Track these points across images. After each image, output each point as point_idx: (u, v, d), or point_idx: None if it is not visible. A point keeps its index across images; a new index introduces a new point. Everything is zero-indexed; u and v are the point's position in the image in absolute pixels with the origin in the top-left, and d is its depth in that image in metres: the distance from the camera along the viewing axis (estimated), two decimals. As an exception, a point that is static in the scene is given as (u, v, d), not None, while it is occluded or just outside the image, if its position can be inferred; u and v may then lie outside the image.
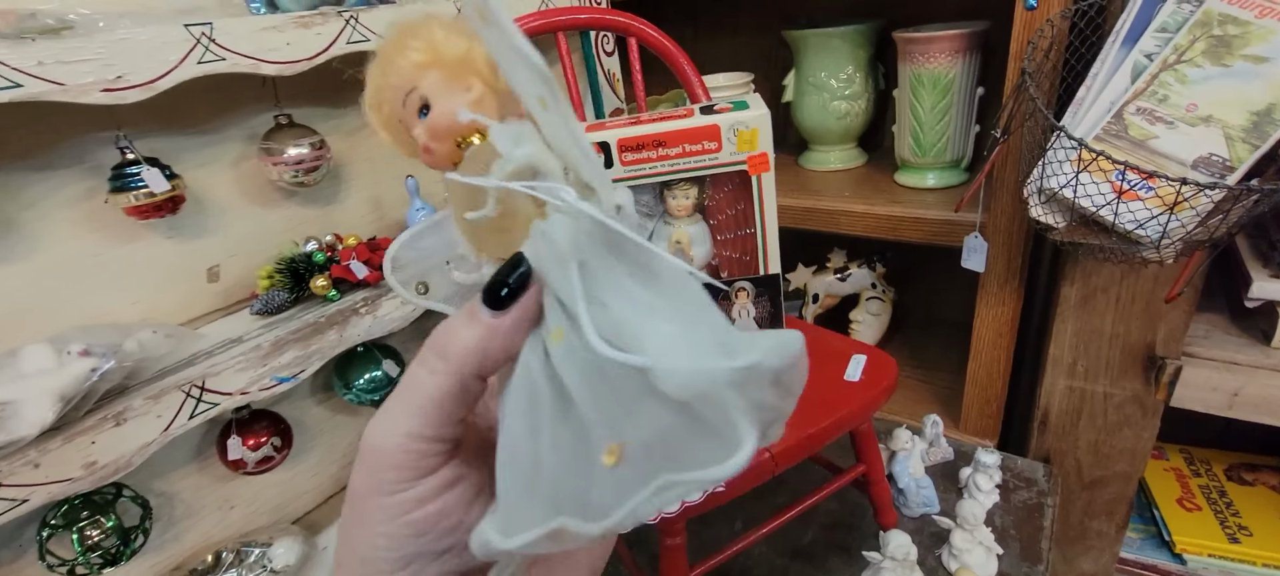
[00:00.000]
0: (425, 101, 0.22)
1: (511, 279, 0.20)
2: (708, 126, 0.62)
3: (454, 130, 0.22)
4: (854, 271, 1.14)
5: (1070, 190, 0.57)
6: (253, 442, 0.71)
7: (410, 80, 0.22)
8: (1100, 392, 0.82)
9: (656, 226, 0.71)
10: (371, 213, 0.90)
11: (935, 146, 0.95)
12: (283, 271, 0.70)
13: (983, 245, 0.80)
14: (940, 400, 1.07)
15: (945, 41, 0.87)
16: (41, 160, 0.60)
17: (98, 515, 0.63)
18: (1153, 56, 0.59)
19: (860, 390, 0.63)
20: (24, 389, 0.50)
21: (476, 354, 0.20)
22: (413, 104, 0.22)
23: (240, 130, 0.74)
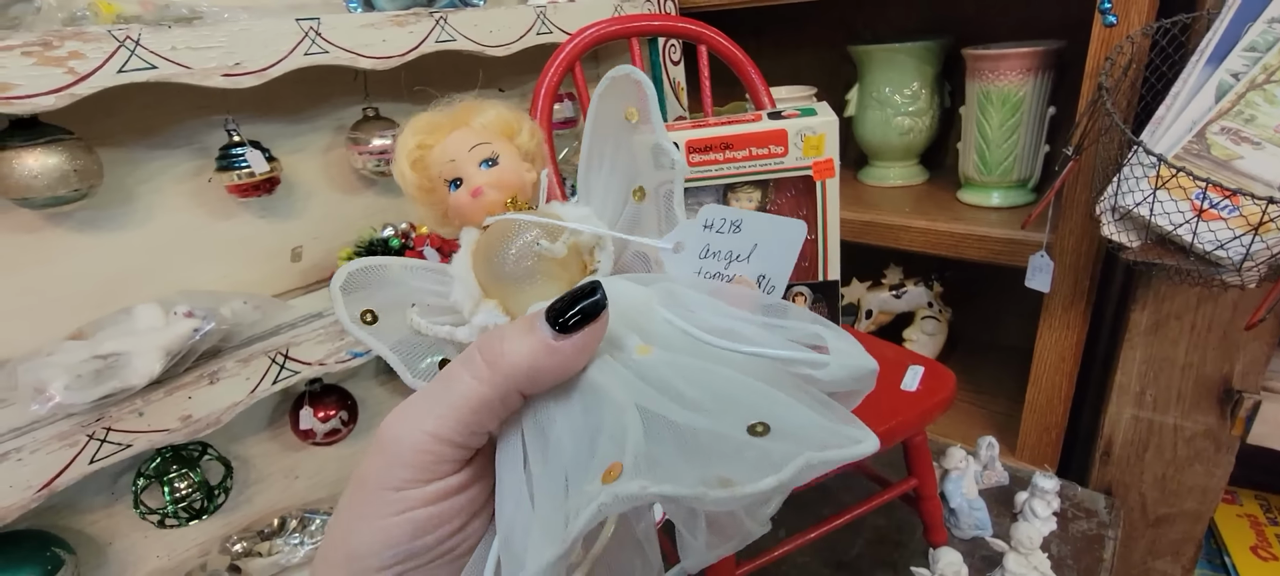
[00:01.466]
0: (494, 156, 0.25)
1: (586, 304, 0.20)
2: (775, 131, 0.63)
3: (514, 187, 0.25)
4: (910, 289, 1.12)
5: (1146, 208, 0.56)
6: (323, 415, 0.76)
7: (483, 136, 0.25)
8: (1170, 425, 0.79)
9: (717, 228, 0.72)
10: (441, 205, 0.95)
11: (1002, 165, 0.93)
12: (361, 253, 0.74)
13: (1049, 265, 0.78)
14: (995, 426, 1.04)
15: (1016, 59, 0.86)
16: (159, 139, 0.66)
17: (186, 470, 0.68)
18: (1239, 76, 0.57)
19: (916, 400, 0.63)
20: (136, 343, 0.54)
21: (528, 372, 0.20)
22: (479, 154, 0.24)
23: (330, 121, 0.80)
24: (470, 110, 0.25)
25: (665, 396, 0.20)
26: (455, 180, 0.24)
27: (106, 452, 0.55)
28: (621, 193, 0.26)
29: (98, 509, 0.69)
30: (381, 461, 0.20)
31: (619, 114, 0.26)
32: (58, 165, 0.53)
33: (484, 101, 0.25)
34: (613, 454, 0.18)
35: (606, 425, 0.19)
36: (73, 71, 0.48)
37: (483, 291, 0.24)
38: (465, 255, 0.25)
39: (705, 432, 0.19)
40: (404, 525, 0.20)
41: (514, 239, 0.23)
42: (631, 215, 0.26)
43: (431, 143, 0.25)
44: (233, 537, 0.77)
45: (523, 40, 0.80)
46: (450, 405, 0.20)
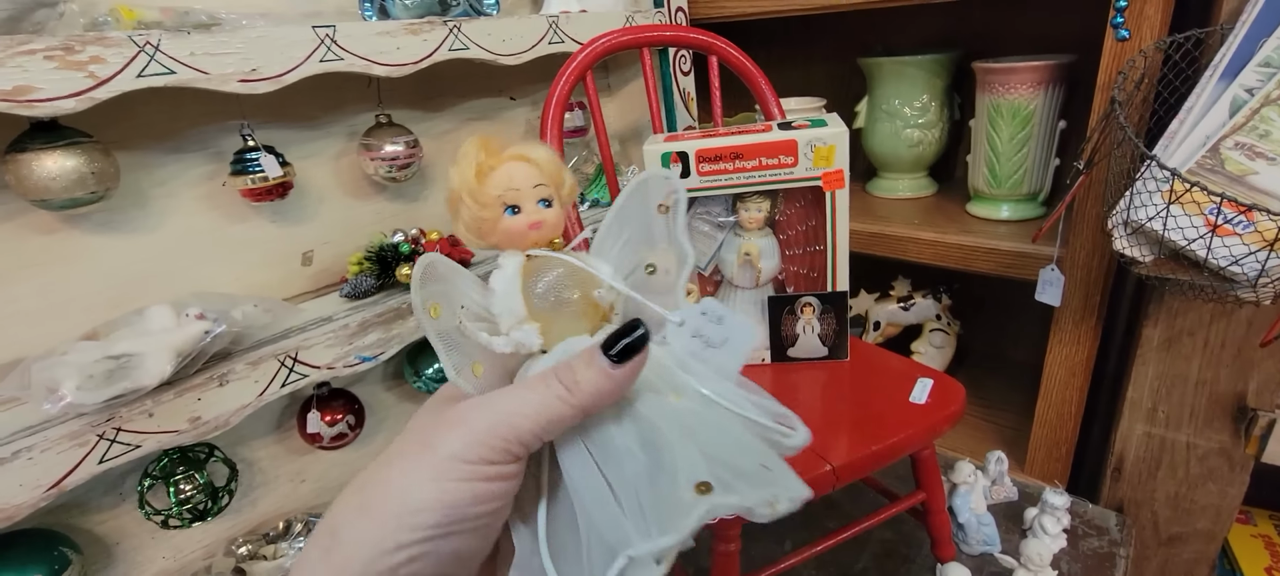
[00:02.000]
0: (550, 198, 0.28)
1: (632, 339, 0.25)
2: (785, 141, 0.63)
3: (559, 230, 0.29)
4: (918, 301, 1.12)
5: (1159, 223, 0.56)
6: (330, 418, 0.76)
7: (543, 177, 0.28)
8: (1183, 442, 0.78)
9: (727, 238, 0.73)
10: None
11: (1011, 178, 0.93)
12: (371, 259, 0.75)
13: (1059, 278, 0.78)
14: (1004, 441, 1.03)
15: (1027, 72, 0.86)
16: (173, 143, 0.67)
17: (192, 471, 0.68)
18: (1253, 91, 0.57)
19: (925, 413, 0.63)
20: (148, 344, 0.55)
21: (596, 396, 0.24)
22: (539, 193, 0.28)
23: (343, 127, 0.80)
24: (527, 146, 0.28)
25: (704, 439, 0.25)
26: (513, 207, 0.27)
27: (115, 453, 0.55)
28: (633, 262, 0.31)
29: (105, 509, 0.69)
30: (461, 433, 0.24)
31: (648, 203, 0.30)
32: (76, 167, 0.54)
33: (536, 142, 0.28)
34: (698, 475, 0.24)
35: (678, 454, 0.25)
36: (93, 76, 0.49)
37: (527, 312, 0.27)
38: (513, 277, 0.27)
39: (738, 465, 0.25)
40: (466, 491, 0.23)
41: (567, 279, 0.28)
42: (636, 283, 0.30)
43: (495, 163, 0.27)
44: (238, 540, 0.77)
45: (535, 49, 0.81)
46: (535, 411, 0.24)
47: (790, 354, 0.73)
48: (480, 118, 0.96)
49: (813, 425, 0.59)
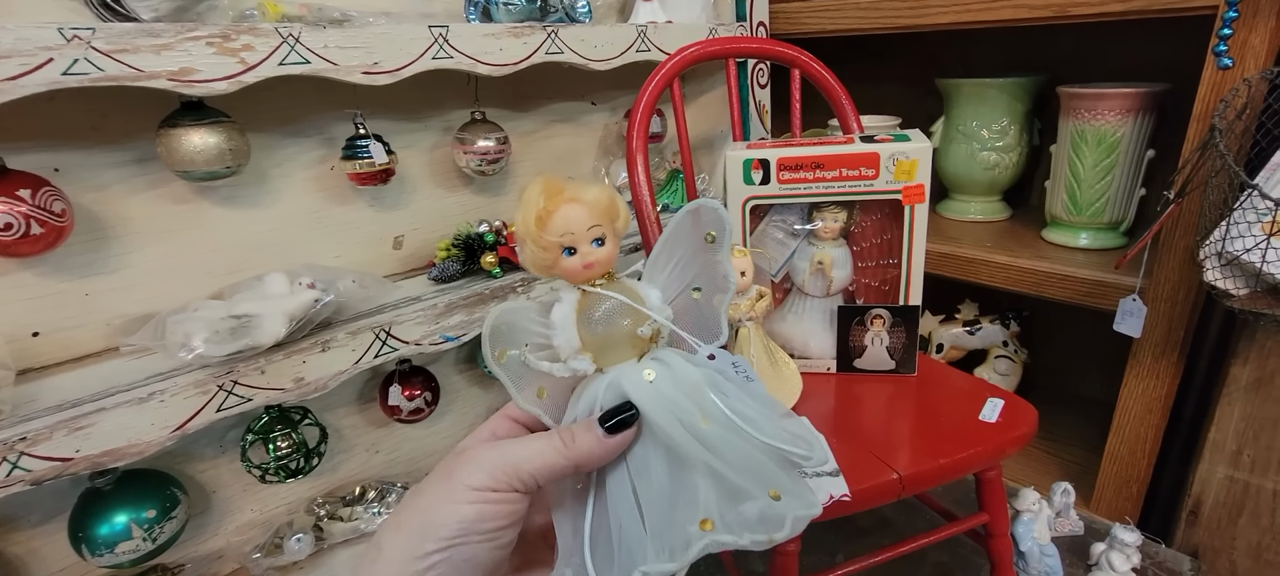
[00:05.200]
0: (603, 237, 0.31)
1: (625, 416, 0.30)
2: (868, 154, 0.65)
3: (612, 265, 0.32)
4: (985, 326, 1.10)
5: (1258, 254, 0.54)
6: (409, 393, 0.81)
7: (598, 218, 0.30)
8: (1269, 489, 0.75)
9: (800, 246, 0.74)
10: (528, 208, 0.99)
11: (1093, 206, 0.91)
12: (459, 246, 0.79)
13: (1141, 310, 0.76)
14: (1070, 475, 1.00)
15: (1116, 99, 0.85)
16: (293, 128, 0.73)
17: (289, 430, 0.74)
18: (1367, 127, 0.55)
19: (995, 432, 0.62)
20: (266, 306, 0.60)
21: (588, 456, 0.30)
22: (593, 233, 0.30)
23: (439, 122, 0.86)
24: (581, 188, 0.31)
25: (724, 462, 0.29)
26: (570, 248, 0.30)
27: (231, 404, 0.61)
28: (681, 285, 0.34)
29: (206, 460, 0.75)
30: (474, 468, 0.29)
31: (697, 232, 0.33)
32: (217, 144, 0.60)
33: (589, 183, 0.31)
34: (704, 512, 0.28)
35: (699, 487, 0.29)
36: (244, 61, 0.54)
37: (581, 343, 0.31)
38: (570, 312, 0.31)
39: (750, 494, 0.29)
40: (473, 511, 0.29)
41: (615, 314, 0.31)
42: (683, 304, 0.34)
43: (553, 207, 0.30)
44: (318, 499, 0.83)
45: (623, 56, 0.84)
46: (536, 458, 0.30)
47: (856, 365, 0.73)
48: (563, 120, 1.01)
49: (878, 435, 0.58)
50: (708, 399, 0.31)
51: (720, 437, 0.29)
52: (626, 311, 0.31)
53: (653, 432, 0.30)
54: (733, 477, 0.29)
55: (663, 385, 0.30)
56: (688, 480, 0.29)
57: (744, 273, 0.64)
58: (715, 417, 0.30)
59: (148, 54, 0.51)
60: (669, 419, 0.29)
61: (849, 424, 0.65)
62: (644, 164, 0.72)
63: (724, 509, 0.28)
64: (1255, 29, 0.64)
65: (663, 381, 0.31)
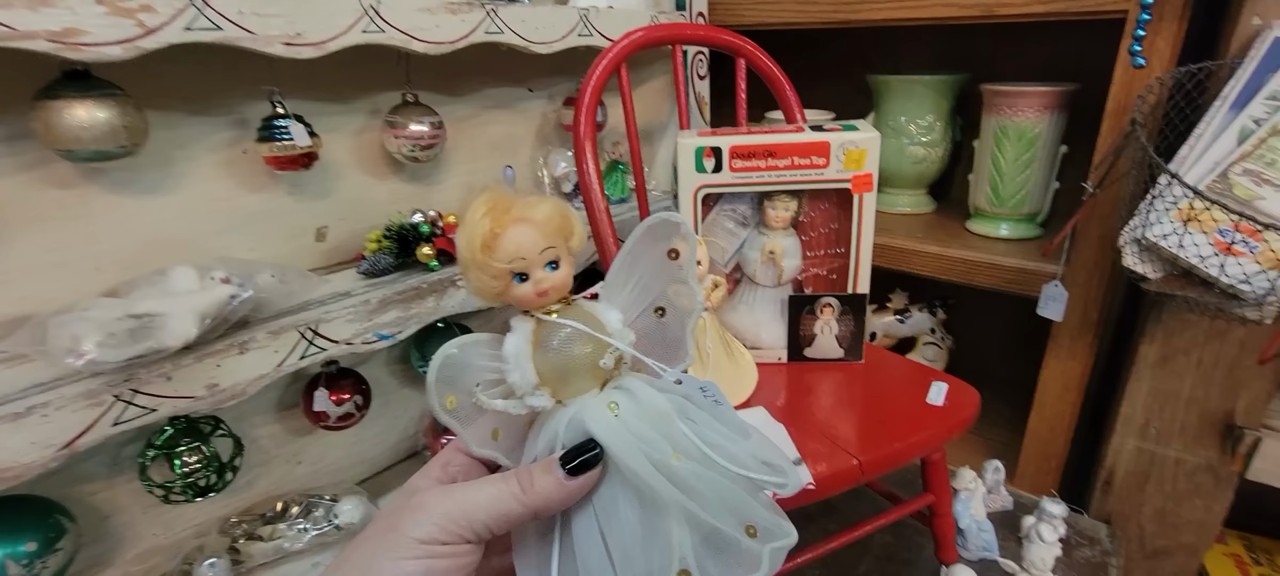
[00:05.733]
0: (557, 260, 0.28)
1: (588, 456, 0.27)
2: (818, 142, 0.65)
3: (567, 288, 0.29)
4: (914, 314, 1.14)
5: (1174, 241, 0.58)
6: (337, 398, 0.74)
7: (550, 239, 0.28)
8: (1171, 458, 0.81)
9: (750, 235, 0.74)
10: (466, 197, 0.94)
11: (1014, 198, 0.96)
12: (391, 237, 0.74)
13: (1063, 294, 0.81)
14: (994, 454, 1.05)
15: (1035, 97, 0.90)
16: (200, 105, 0.65)
17: (198, 444, 0.66)
18: (1261, 122, 0.60)
19: (943, 415, 0.64)
20: (172, 304, 0.53)
21: (546, 500, 0.27)
22: (547, 256, 0.28)
23: (366, 104, 0.79)
24: (529, 205, 0.28)
25: (697, 503, 0.27)
26: (521, 274, 0.28)
27: (131, 415, 0.53)
28: (643, 305, 0.32)
29: (99, 480, 0.66)
30: (420, 519, 0.27)
31: (659, 247, 0.31)
32: (108, 120, 0.52)
33: (540, 198, 0.29)
34: (681, 562, 0.27)
35: (673, 532, 0.27)
36: (142, 25, 0.47)
37: (538, 377, 0.29)
38: (523, 344, 0.29)
39: (725, 534, 0.28)
40: (416, 567, 0.26)
41: (573, 343, 0.29)
42: (645, 325, 0.32)
43: (500, 230, 0.27)
44: (233, 519, 0.75)
45: (564, 40, 0.81)
46: (489, 504, 0.27)
47: (807, 354, 0.74)
48: (499, 106, 0.96)
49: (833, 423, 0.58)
50: (677, 430, 0.29)
51: (694, 474, 0.28)
52: (586, 339, 0.29)
53: (620, 472, 0.28)
54: (708, 519, 0.27)
55: (629, 418, 0.28)
56: (661, 525, 0.27)
57: (701, 262, 0.63)
58: (687, 451, 0.28)
59: (22, 9, 0.44)
60: (637, 457, 0.27)
61: (804, 413, 0.65)
62: (593, 152, 0.70)
63: (702, 556, 0.27)
64: (1161, 33, 0.69)
65: (628, 413, 0.29)
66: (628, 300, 0.31)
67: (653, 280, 0.31)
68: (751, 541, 0.28)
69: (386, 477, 0.89)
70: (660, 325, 0.32)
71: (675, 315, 0.32)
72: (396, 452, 0.92)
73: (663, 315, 0.32)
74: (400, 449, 0.92)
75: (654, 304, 0.32)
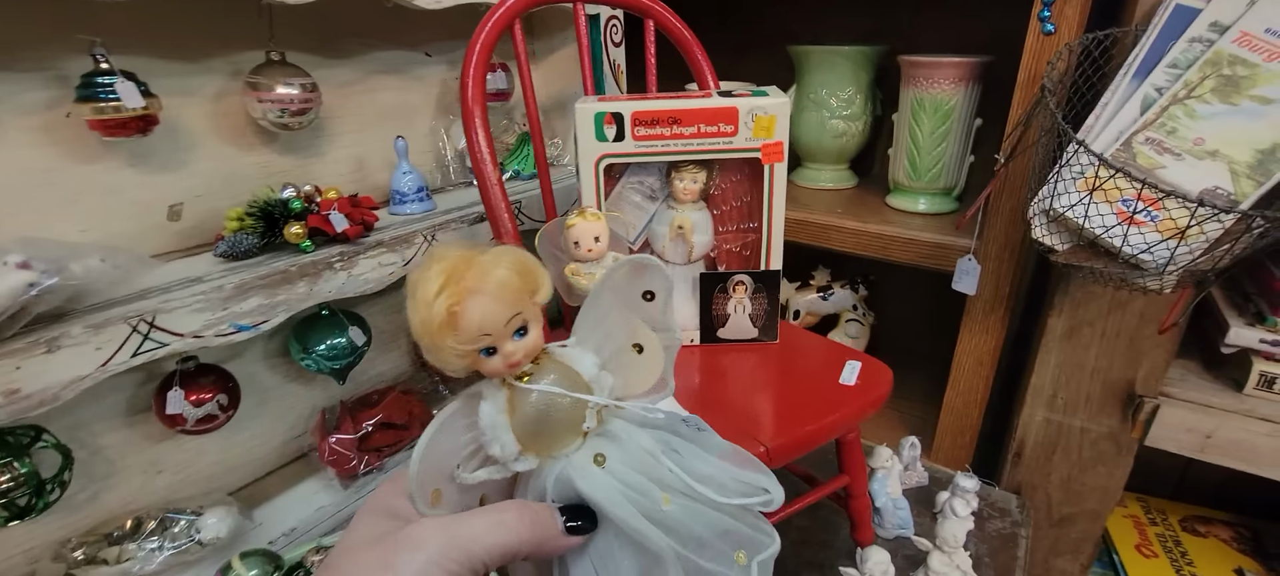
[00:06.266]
0: (525, 325, 0.27)
1: (584, 522, 0.28)
2: (726, 109, 0.60)
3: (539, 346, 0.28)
4: (837, 291, 1.13)
5: (1078, 211, 0.57)
6: (196, 398, 0.65)
7: (515, 306, 0.26)
8: (1077, 427, 0.82)
9: (659, 210, 0.69)
10: (354, 171, 0.86)
11: (930, 172, 0.95)
12: (255, 215, 0.65)
13: (976, 268, 0.80)
14: (910, 428, 1.06)
15: (951, 68, 0.88)
16: (5, 60, 0.55)
17: (11, 459, 0.56)
18: (1163, 90, 0.60)
19: (855, 395, 0.62)
20: (-53, 296, 0.44)
21: (542, 545, 0.28)
22: (514, 326, 0.27)
23: (226, 64, 0.70)
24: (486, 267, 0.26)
25: (687, 546, 0.28)
26: (489, 349, 0.27)
27: (-103, 432, 0.44)
28: (619, 342, 0.31)
29: (-110, 506, 0.56)
30: (419, 559, 0.25)
31: (635, 288, 0.31)
32: None
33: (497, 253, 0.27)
34: None
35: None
36: None
37: (519, 445, 0.28)
38: (498, 416, 0.28)
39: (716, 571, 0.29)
40: None
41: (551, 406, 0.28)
42: (624, 361, 0.31)
43: (458, 308, 0.25)
44: (71, 541, 0.65)
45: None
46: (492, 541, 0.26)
47: (720, 334, 0.70)
48: (390, 71, 0.87)
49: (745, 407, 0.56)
50: (664, 468, 0.29)
51: (684, 514, 0.28)
52: (562, 400, 0.28)
53: (614, 525, 0.28)
54: (702, 561, 0.28)
55: (615, 467, 0.28)
56: (656, 573, 0.28)
57: (598, 238, 0.57)
58: (675, 489, 0.29)
59: None
60: (628, 510, 0.27)
61: (716, 397, 0.61)
62: (482, 122, 0.63)
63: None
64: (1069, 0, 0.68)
65: (615, 463, 0.29)
66: (601, 340, 0.31)
67: (627, 319, 0.31)
68: (741, 568, 0.29)
69: (269, 483, 0.81)
70: (639, 360, 0.32)
71: (653, 352, 0.32)
72: (282, 454, 0.83)
73: (641, 352, 0.32)
74: (286, 451, 0.84)
75: (632, 340, 0.31)
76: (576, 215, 0.57)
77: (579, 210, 0.57)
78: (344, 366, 0.78)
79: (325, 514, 0.74)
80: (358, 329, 0.77)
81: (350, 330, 0.76)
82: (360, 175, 0.86)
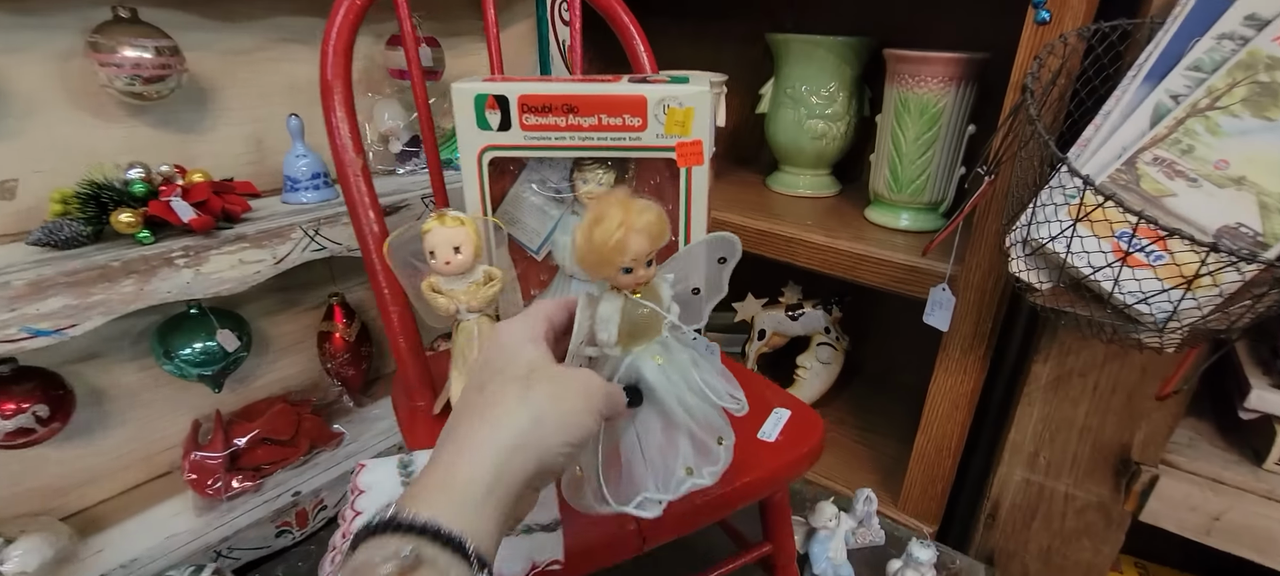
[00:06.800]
0: (651, 258, 0.37)
1: (633, 399, 0.38)
2: (631, 97, 0.49)
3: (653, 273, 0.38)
4: (808, 311, 1.02)
5: (1063, 244, 0.45)
6: (7, 408, 0.56)
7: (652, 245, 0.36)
8: (1061, 492, 0.70)
9: (563, 217, 0.58)
10: (251, 153, 0.76)
11: (913, 183, 0.83)
12: (85, 198, 0.55)
13: (950, 300, 0.68)
14: (881, 469, 0.95)
15: (939, 65, 0.76)
16: None
17: None
18: (1180, 99, 0.48)
19: (775, 453, 0.51)
20: None
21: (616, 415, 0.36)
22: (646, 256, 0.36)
23: (76, 20, 0.60)
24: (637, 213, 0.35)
25: (698, 425, 0.40)
26: (627, 267, 0.36)
27: None
28: (688, 284, 0.43)
29: None
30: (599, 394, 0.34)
31: (716, 252, 0.43)
32: None
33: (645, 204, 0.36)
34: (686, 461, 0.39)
35: (681, 444, 0.39)
36: None
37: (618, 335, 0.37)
38: (614, 314, 0.37)
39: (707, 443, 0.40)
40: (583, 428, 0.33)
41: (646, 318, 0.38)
42: (683, 297, 0.42)
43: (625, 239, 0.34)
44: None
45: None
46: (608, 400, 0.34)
47: (633, 365, 0.59)
48: (298, 40, 0.77)
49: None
50: (691, 375, 0.40)
51: (696, 405, 0.39)
52: (653, 315, 0.38)
53: (656, 403, 0.38)
54: (702, 435, 0.40)
55: (667, 368, 0.39)
56: (677, 438, 0.39)
57: (459, 249, 0.47)
58: (694, 389, 0.39)
59: None
60: (670, 396, 0.38)
61: (602, 448, 0.51)
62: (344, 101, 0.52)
63: (697, 460, 0.40)
64: (1075, -15, 0.56)
65: (667, 365, 0.39)
66: (679, 277, 0.41)
67: (699, 271, 0.42)
68: (718, 446, 0.40)
69: (126, 502, 0.71)
70: (694, 300, 0.43)
71: (706, 295, 0.43)
72: (151, 468, 0.74)
73: (697, 293, 0.43)
74: (156, 464, 0.74)
75: (693, 286, 0.43)
76: (433, 219, 0.46)
77: (437, 214, 0.47)
78: (216, 373, 0.69)
79: (176, 543, 0.65)
80: (229, 332, 0.67)
81: (219, 333, 0.67)
82: (257, 157, 0.76)
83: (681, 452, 0.39)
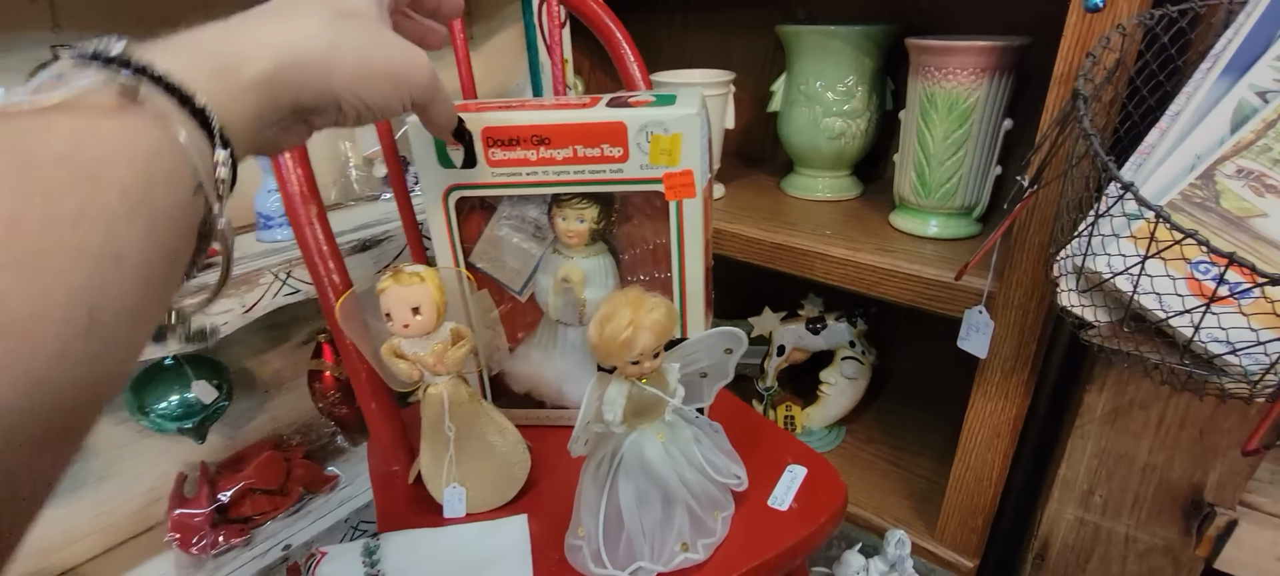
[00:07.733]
0: (657, 352, 0.39)
1: (460, 134, 0.41)
2: (609, 124, 0.43)
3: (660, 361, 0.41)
4: (831, 325, 0.94)
5: (1128, 280, 0.38)
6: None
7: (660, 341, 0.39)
8: (1121, 534, 0.63)
9: (544, 256, 0.52)
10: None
11: (943, 187, 0.75)
12: None
13: (988, 325, 0.61)
14: (914, 495, 0.87)
15: (969, 55, 0.68)
16: None
17: None
18: (1269, 96, 0.39)
19: (787, 526, 0.44)
20: None
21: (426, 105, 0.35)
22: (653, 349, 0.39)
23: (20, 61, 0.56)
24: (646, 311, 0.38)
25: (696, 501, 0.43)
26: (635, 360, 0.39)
27: None
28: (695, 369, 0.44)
29: None
30: None
31: (721, 344, 0.44)
32: None
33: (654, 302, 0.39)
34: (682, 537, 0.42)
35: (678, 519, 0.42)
36: None
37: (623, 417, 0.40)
38: (620, 398, 0.39)
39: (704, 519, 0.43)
40: None
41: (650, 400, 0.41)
42: (689, 380, 0.44)
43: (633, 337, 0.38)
44: None
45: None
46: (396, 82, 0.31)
47: (630, 415, 0.53)
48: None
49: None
50: (693, 452, 0.43)
51: (696, 481, 0.43)
52: (656, 399, 0.40)
53: (657, 479, 0.41)
54: (700, 512, 0.43)
55: (670, 445, 0.42)
56: (674, 514, 0.42)
57: (418, 310, 0.41)
58: (695, 466, 0.43)
59: None
60: (670, 473, 0.41)
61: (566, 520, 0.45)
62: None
63: (693, 535, 0.42)
64: (1130, -40, 0.48)
65: (669, 443, 0.42)
66: (686, 362, 0.43)
67: (705, 358, 0.44)
68: (714, 521, 0.43)
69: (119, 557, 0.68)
70: (700, 382, 0.45)
71: (712, 379, 0.45)
72: (139, 523, 0.71)
73: (704, 376, 0.45)
74: (144, 517, 0.71)
75: (701, 370, 0.45)
76: (388, 277, 0.41)
77: (393, 271, 0.41)
78: (197, 425, 0.65)
79: (157, 608, 0.61)
80: (205, 382, 0.63)
81: (195, 384, 0.63)
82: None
83: (677, 527, 0.42)
